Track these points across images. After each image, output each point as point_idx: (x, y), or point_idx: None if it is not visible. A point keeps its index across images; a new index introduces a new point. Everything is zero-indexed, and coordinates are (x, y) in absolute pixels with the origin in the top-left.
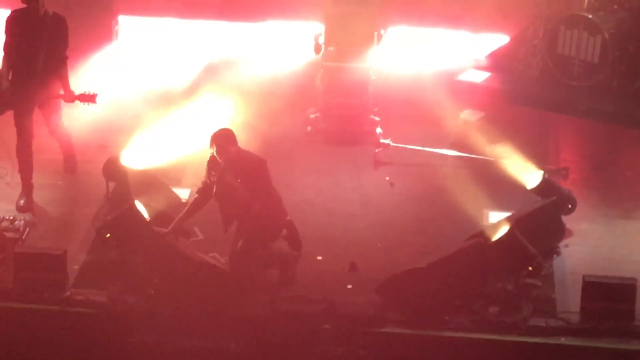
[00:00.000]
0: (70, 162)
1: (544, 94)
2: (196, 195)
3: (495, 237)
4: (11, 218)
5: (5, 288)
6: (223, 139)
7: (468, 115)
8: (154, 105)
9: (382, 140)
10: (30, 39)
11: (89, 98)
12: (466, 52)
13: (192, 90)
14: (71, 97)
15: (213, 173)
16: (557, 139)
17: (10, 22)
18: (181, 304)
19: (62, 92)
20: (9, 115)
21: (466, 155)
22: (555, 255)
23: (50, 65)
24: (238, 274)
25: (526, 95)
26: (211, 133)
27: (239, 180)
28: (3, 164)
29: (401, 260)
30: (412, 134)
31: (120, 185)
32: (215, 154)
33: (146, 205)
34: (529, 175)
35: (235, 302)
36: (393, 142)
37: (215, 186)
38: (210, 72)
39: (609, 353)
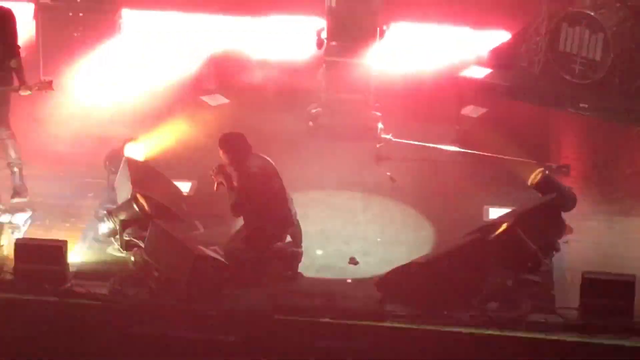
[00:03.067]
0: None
1: (546, 90)
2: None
3: (496, 233)
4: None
5: (6, 279)
6: (230, 147)
7: (470, 112)
8: (157, 98)
9: (383, 136)
10: None
11: (46, 85)
12: (468, 49)
13: (194, 84)
14: (27, 88)
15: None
16: (559, 136)
17: None
18: (181, 296)
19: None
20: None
21: (467, 151)
22: (554, 252)
23: (1, 61)
24: (236, 268)
25: (528, 92)
26: (221, 137)
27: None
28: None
29: (401, 255)
30: (414, 129)
31: (122, 177)
32: (223, 158)
33: (147, 198)
34: (530, 171)
35: (235, 295)
36: (394, 138)
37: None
38: (213, 67)
39: (607, 349)
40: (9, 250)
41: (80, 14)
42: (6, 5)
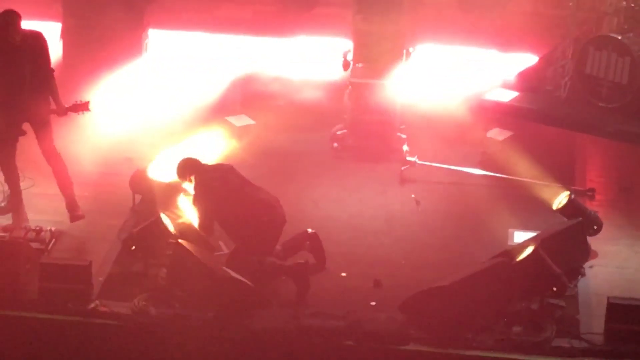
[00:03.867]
0: (67, 190)
1: (572, 114)
2: None
3: (520, 257)
4: (37, 229)
5: (31, 298)
6: (187, 170)
7: (495, 134)
8: (182, 118)
9: (408, 158)
10: (13, 65)
11: (82, 107)
12: (495, 71)
13: (219, 104)
14: (63, 110)
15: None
16: (584, 160)
17: None
18: (205, 317)
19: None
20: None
21: (492, 174)
22: (580, 276)
23: (37, 84)
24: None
25: (554, 115)
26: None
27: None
28: (29, 174)
29: (425, 277)
30: (439, 152)
31: (147, 198)
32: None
33: (172, 219)
34: (555, 195)
35: (258, 316)
36: (419, 160)
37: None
38: (238, 87)
39: None
40: None
41: (106, 34)
42: (33, 25)
